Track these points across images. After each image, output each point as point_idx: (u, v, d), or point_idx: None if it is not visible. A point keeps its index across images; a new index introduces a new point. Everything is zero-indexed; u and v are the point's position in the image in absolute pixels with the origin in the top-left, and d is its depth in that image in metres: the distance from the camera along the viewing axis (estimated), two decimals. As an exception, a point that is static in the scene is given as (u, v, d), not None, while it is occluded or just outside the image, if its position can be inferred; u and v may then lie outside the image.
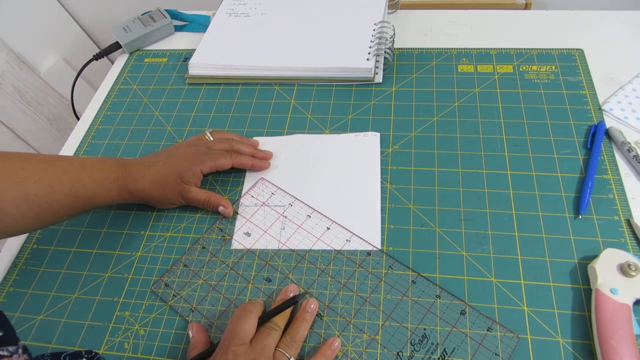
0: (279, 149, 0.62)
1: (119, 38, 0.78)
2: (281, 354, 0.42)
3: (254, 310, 0.44)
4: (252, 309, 0.44)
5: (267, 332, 0.43)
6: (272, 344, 0.42)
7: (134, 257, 0.54)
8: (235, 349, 0.40)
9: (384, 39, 0.68)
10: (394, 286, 0.48)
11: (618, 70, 0.64)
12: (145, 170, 0.54)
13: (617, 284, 0.44)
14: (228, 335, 0.42)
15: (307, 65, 0.68)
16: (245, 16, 0.78)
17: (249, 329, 0.42)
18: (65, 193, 0.49)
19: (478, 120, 0.61)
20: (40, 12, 1.14)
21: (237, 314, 0.43)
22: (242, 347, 0.40)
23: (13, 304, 0.52)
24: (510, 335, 0.44)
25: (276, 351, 0.42)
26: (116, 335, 0.49)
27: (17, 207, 0.46)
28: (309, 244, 0.52)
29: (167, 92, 0.72)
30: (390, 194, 0.55)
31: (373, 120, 0.63)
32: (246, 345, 0.41)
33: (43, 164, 0.49)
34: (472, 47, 0.70)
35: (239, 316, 0.43)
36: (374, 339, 0.46)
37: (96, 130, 0.68)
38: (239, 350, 0.40)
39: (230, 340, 0.41)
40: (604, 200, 0.52)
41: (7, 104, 1.08)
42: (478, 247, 0.50)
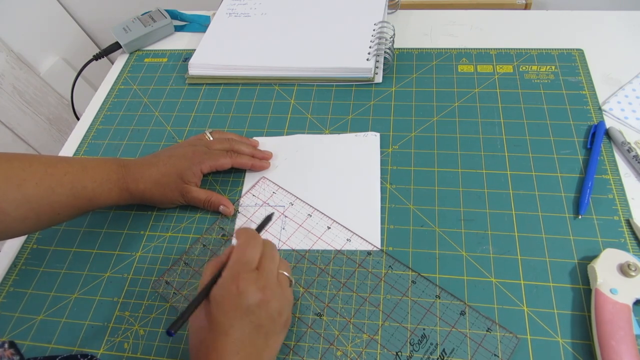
0: (279, 149, 0.62)
1: (119, 38, 0.78)
2: (284, 276, 0.43)
3: (259, 238, 0.44)
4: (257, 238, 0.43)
5: (270, 261, 0.42)
6: (275, 267, 0.43)
7: (134, 257, 0.54)
8: (245, 276, 0.39)
9: (384, 39, 0.68)
10: (393, 286, 0.48)
11: (618, 70, 0.64)
12: (146, 171, 0.54)
13: (617, 284, 0.44)
14: (236, 262, 0.41)
15: (307, 65, 0.68)
16: (245, 16, 0.78)
17: (255, 256, 0.42)
18: (66, 194, 0.49)
19: (478, 120, 0.61)
20: (40, 12, 1.14)
21: (244, 240, 0.42)
22: (251, 274, 0.40)
23: (13, 304, 0.52)
24: (510, 336, 0.44)
25: (278, 273, 0.43)
26: (116, 335, 0.49)
27: (18, 209, 0.46)
28: (309, 244, 0.52)
29: (167, 92, 0.72)
30: (390, 194, 0.55)
31: (373, 120, 0.63)
32: (255, 272, 0.40)
33: (44, 166, 0.49)
34: (472, 47, 0.70)
35: (246, 243, 0.42)
36: (373, 339, 0.46)
37: (96, 130, 0.68)
38: (249, 277, 0.39)
39: (240, 267, 0.40)
40: (604, 200, 0.52)
41: (7, 104, 1.08)
42: (478, 247, 0.50)
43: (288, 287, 0.43)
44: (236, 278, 0.39)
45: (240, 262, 0.41)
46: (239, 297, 0.38)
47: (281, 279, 0.42)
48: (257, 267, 0.41)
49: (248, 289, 0.39)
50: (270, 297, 0.40)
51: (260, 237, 0.44)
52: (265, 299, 0.39)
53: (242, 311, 0.38)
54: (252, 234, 0.43)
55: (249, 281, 0.39)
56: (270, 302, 0.40)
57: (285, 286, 0.43)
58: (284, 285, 0.42)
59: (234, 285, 0.39)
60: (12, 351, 0.34)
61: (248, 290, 0.39)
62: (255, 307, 0.39)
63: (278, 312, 0.41)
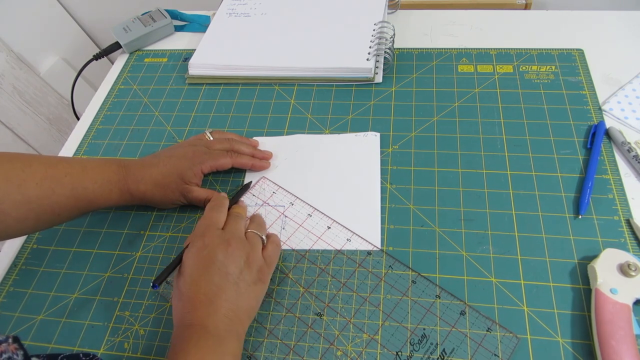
0: (279, 149, 0.62)
1: (119, 38, 0.78)
2: (253, 233, 0.48)
3: (224, 202, 0.50)
4: (223, 202, 0.50)
5: (234, 219, 0.48)
6: (242, 228, 0.48)
7: (134, 257, 0.54)
8: (210, 232, 0.45)
9: (384, 39, 0.68)
10: (394, 286, 0.48)
11: (618, 70, 0.64)
12: (146, 171, 0.54)
13: (617, 284, 0.44)
14: (202, 224, 0.47)
15: (307, 65, 0.68)
16: (245, 16, 0.78)
17: (221, 218, 0.48)
18: (67, 195, 0.49)
19: (478, 120, 0.61)
20: (40, 12, 1.14)
21: (210, 205, 0.49)
22: (216, 231, 0.45)
23: (13, 304, 0.52)
24: (510, 336, 0.44)
25: (247, 232, 0.48)
26: (116, 335, 0.49)
27: (18, 209, 0.46)
28: (309, 243, 0.52)
29: (167, 92, 0.72)
30: (390, 194, 0.55)
31: (373, 120, 0.63)
32: (219, 230, 0.46)
33: (44, 166, 0.49)
34: (472, 47, 0.70)
35: (211, 207, 0.49)
36: (373, 339, 0.46)
37: (96, 130, 0.68)
38: (214, 233, 0.45)
39: (205, 227, 0.46)
40: (604, 200, 0.52)
41: (7, 104, 1.08)
42: (478, 247, 0.50)
43: (258, 242, 0.47)
44: (202, 235, 0.45)
45: (206, 223, 0.46)
46: (205, 250, 0.43)
47: (250, 236, 0.47)
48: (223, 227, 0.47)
49: (213, 241, 0.44)
50: (235, 246, 0.44)
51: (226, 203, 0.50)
52: (230, 248, 0.44)
53: (209, 262, 0.43)
54: (219, 201, 0.49)
55: (213, 236, 0.44)
56: (236, 251, 0.44)
57: (254, 242, 0.47)
58: (253, 241, 0.47)
59: (201, 240, 0.44)
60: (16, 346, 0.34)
61: (213, 242, 0.44)
62: (222, 256, 0.43)
63: (245, 261, 0.44)
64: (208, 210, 0.48)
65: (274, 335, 0.47)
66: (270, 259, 0.48)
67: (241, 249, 0.45)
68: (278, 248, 0.50)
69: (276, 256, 0.49)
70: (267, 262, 0.47)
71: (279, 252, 0.50)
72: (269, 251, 0.48)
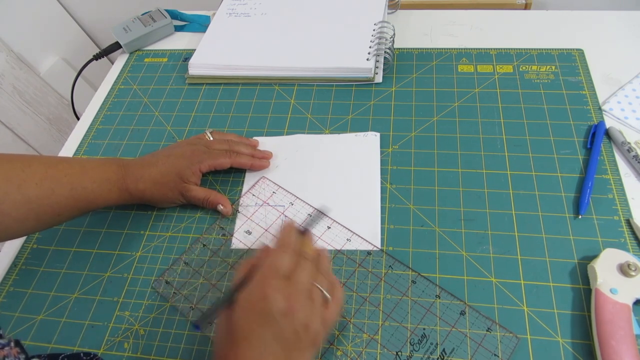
0: (279, 149, 0.62)
1: (119, 38, 0.78)
2: (317, 289, 0.40)
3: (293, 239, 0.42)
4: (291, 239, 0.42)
5: (304, 265, 0.40)
6: (309, 279, 0.40)
7: (134, 257, 0.54)
8: (273, 282, 0.38)
9: (384, 39, 0.68)
10: (393, 286, 0.48)
11: (618, 70, 0.64)
12: (145, 170, 0.54)
13: (617, 284, 0.44)
14: (267, 267, 0.39)
15: (307, 65, 0.68)
16: (245, 16, 0.78)
17: (288, 265, 0.39)
18: (66, 195, 0.49)
19: (478, 120, 0.61)
20: (40, 12, 1.14)
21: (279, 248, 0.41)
22: (280, 281, 0.38)
23: (13, 304, 0.52)
24: (510, 336, 0.44)
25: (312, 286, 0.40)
26: (116, 335, 0.49)
27: (19, 210, 0.46)
28: (308, 244, 0.52)
29: (167, 92, 0.72)
30: (390, 194, 0.55)
31: (373, 120, 0.63)
32: (284, 280, 0.38)
33: (44, 167, 0.49)
34: (472, 47, 0.70)
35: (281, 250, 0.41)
36: (373, 339, 0.46)
37: (96, 130, 0.68)
38: (276, 284, 0.37)
39: (269, 273, 0.38)
40: (604, 200, 0.52)
41: (7, 104, 1.08)
42: (478, 247, 0.50)
43: (321, 303, 0.40)
44: (263, 282, 0.38)
45: (271, 266, 0.39)
46: (263, 302, 0.37)
47: (314, 293, 0.39)
48: (289, 276, 0.39)
49: (274, 295, 0.37)
50: (296, 308, 0.37)
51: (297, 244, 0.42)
52: (291, 310, 0.37)
53: (265, 319, 0.36)
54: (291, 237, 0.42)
55: (275, 287, 0.37)
56: (295, 314, 0.37)
57: (317, 301, 0.39)
58: (316, 300, 0.39)
59: (260, 289, 0.37)
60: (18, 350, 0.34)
61: (273, 296, 0.37)
62: (278, 315, 0.36)
63: (304, 325, 0.37)
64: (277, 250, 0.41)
65: (274, 335, 0.47)
66: (330, 322, 0.40)
67: (302, 311, 0.37)
68: (341, 308, 0.42)
69: (337, 318, 0.42)
70: (326, 325, 0.40)
71: (340, 312, 0.42)
72: (330, 313, 0.40)
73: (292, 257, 0.40)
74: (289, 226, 0.43)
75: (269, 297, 0.37)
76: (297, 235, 0.43)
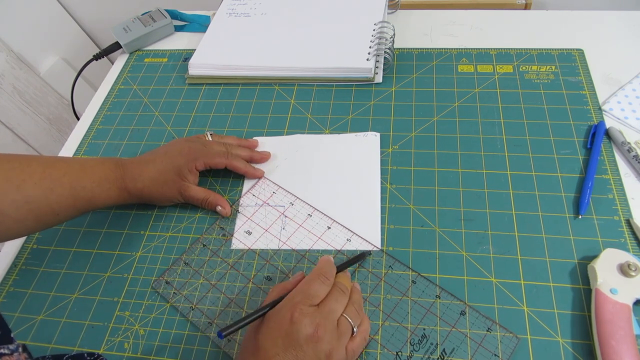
0: (279, 149, 0.62)
1: (119, 38, 0.78)
2: (346, 320, 0.41)
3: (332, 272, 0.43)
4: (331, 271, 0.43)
5: (336, 296, 0.41)
6: (340, 309, 0.41)
7: (134, 257, 0.54)
8: (303, 308, 0.38)
9: (384, 39, 0.68)
10: (394, 286, 0.48)
11: (618, 70, 0.64)
12: (143, 169, 0.54)
13: (617, 284, 0.44)
14: (299, 292, 0.40)
15: (307, 65, 0.68)
16: (245, 16, 0.78)
17: (321, 293, 0.41)
18: (65, 195, 0.49)
19: (478, 120, 0.61)
20: (40, 12, 1.14)
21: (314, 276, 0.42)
22: (310, 308, 0.39)
23: (13, 304, 0.52)
24: (510, 336, 0.44)
25: (342, 317, 0.41)
26: (116, 335, 0.49)
27: (18, 210, 0.46)
28: (309, 243, 0.52)
29: (167, 92, 0.72)
30: (390, 194, 0.55)
31: (373, 120, 0.63)
32: (314, 307, 0.39)
33: (42, 167, 0.49)
34: (472, 47, 0.70)
35: (317, 276, 0.42)
36: (373, 339, 0.46)
37: (96, 130, 0.68)
38: (306, 310, 0.38)
39: (300, 298, 0.39)
40: (604, 200, 0.52)
41: (7, 104, 1.08)
42: (478, 247, 0.50)
43: (347, 333, 0.40)
44: (293, 307, 0.38)
45: (303, 292, 0.40)
46: (290, 326, 0.37)
47: (342, 324, 0.40)
48: (319, 304, 0.40)
49: (302, 320, 0.38)
50: (322, 336, 0.38)
51: (333, 276, 0.43)
52: (316, 336, 0.37)
53: (290, 342, 0.37)
54: (328, 268, 0.43)
55: (304, 313, 0.38)
56: (320, 342, 0.38)
57: (344, 332, 0.40)
58: (342, 331, 0.40)
59: (289, 313, 0.38)
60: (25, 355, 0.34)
61: (301, 322, 0.37)
62: (303, 341, 0.37)
63: (327, 354, 0.38)
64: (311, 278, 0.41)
65: (274, 335, 0.47)
66: (354, 353, 0.41)
67: (328, 339, 0.38)
68: (365, 341, 0.43)
69: (360, 350, 0.42)
70: (350, 356, 0.40)
71: (365, 345, 0.43)
72: (355, 344, 0.41)
73: (326, 285, 0.41)
74: (327, 258, 0.44)
75: (297, 321, 0.37)
76: (334, 267, 0.44)
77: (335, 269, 0.44)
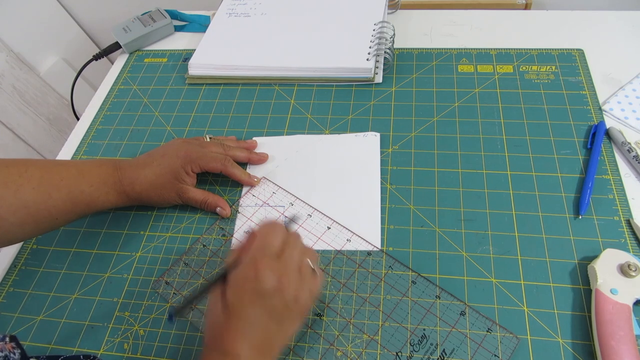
0: (279, 149, 0.61)
1: (118, 38, 0.78)
2: (308, 265, 0.42)
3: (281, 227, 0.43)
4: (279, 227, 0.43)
5: (291, 243, 0.42)
6: (297, 255, 0.42)
7: (134, 257, 0.54)
8: (264, 260, 0.39)
9: (384, 39, 0.68)
10: (394, 286, 0.48)
11: (618, 70, 0.64)
12: (141, 172, 0.53)
13: (617, 285, 0.44)
14: (257, 246, 0.41)
15: (307, 65, 0.68)
16: (245, 16, 0.78)
17: (276, 243, 0.41)
18: (63, 199, 0.49)
19: (478, 120, 0.61)
20: (40, 12, 1.14)
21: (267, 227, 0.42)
22: (270, 260, 0.40)
23: (13, 304, 0.52)
24: (510, 336, 0.44)
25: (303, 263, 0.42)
26: (116, 336, 0.49)
27: (16, 214, 0.47)
28: (309, 244, 0.52)
29: (167, 92, 0.72)
30: (390, 194, 0.55)
31: (373, 121, 0.63)
32: (274, 257, 0.40)
33: (40, 171, 0.49)
34: (472, 47, 0.70)
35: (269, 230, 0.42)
36: (373, 339, 0.45)
37: (96, 131, 0.68)
38: (268, 262, 0.39)
39: (260, 252, 0.40)
40: (604, 201, 0.52)
41: (7, 104, 1.08)
42: (478, 248, 0.50)
43: (310, 276, 0.42)
44: (255, 262, 0.39)
45: (261, 247, 0.40)
46: (255, 280, 0.38)
47: (303, 267, 0.41)
48: (278, 254, 0.40)
49: (265, 273, 0.38)
50: (286, 284, 0.39)
51: (283, 226, 0.43)
52: (281, 285, 0.39)
53: (257, 295, 0.38)
54: (275, 223, 0.43)
55: (266, 266, 0.39)
56: (286, 289, 0.39)
57: (306, 274, 0.41)
58: (304, 274, 0.41)
59: (252, 269, 0.39)
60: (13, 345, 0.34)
61: (265, 274, 0.38)
62: (270, 291, 0.38)
63: (294, 299, 0.40)
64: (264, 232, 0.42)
65: (273, 335, 0.47)
66: (316, 292, 0.43)
67: (293, 285, 0.40)
68: (321, 283, 0.44)
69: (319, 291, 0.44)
70: (313, 296, 0.42)
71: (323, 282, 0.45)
72: (317, 284, 0.43)
73: (279, 237, 0.42)
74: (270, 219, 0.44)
75: (260, 275, 0.38)
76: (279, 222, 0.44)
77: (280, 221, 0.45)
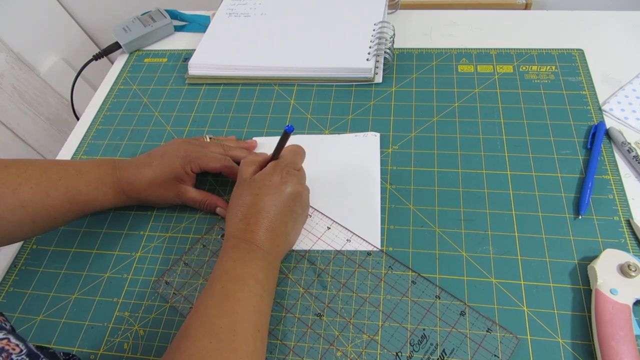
0: (279, 149, 0.61)
1: (118, 38, 0.78)
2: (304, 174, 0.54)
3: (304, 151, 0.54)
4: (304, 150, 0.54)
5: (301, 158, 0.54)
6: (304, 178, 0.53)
7: (134, 257, 0.54)
8: (291, 171, 0.50)
9: (384, 39, 0.68)
10: (393, 286, 0.48)
11: (618, 70, 0.64)
12: (140, 172, 0.53)
13: (617, 285, 0.44)
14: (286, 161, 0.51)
15: (307, 66, 0.68)
16: (245, 16, 0.78)
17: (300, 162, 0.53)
18: (61, 199, 0.49)
19: (478, 120, 0.61)
20: (40, 12, 1.14)
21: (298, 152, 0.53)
22: (295, 171, 0.51)
23: (13, 304, 0.52)
24: (510, 336, 0.44)
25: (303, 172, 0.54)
26: (116, 336, 0.49)
27: (14, 214, 0.47)
28: (309, 244, 0.52)
29: (167, 92, 0.72)
30: (390, 194, 0.55)
31: (373, 121, 0.63)
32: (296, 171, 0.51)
33: (38, 171, 0.49)
34: (472, 47, 0.70)
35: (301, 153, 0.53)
36: (373, 339, 0.45)
37: (96, 131, 0.68)
38: (294, 173, 0.50)
39: (287, 165, 0.50)
40: (604, 201, 0.52)
41: (7, 104, 1.08)
42: (478, 248, 0.50)
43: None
44: (283, 172, 0.49)
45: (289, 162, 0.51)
46: (283, 185, 0.48)
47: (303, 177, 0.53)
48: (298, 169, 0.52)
49: (292, 180, 0.49)
50: (302, 190, 0.50)
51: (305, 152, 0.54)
52: (301, 191, 0.50)
53: (284, 197, 0.48)
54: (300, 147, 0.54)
55: (293, 175, 0.50)
56: (302, 194, 0.50)
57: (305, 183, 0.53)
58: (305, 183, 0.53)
59: (279, 176, 0.49)
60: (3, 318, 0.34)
61: (291, 181, 0.49)
62: (293, 195, 0.49)
63: (306, 203, 0.52)
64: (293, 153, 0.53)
65: (273, 335, 0.47)
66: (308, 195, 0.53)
67: (306, 192, 0.51)
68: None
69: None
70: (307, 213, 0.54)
71: None
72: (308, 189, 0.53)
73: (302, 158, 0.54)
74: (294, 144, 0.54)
75: (288, 181, 0.49)
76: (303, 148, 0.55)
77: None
